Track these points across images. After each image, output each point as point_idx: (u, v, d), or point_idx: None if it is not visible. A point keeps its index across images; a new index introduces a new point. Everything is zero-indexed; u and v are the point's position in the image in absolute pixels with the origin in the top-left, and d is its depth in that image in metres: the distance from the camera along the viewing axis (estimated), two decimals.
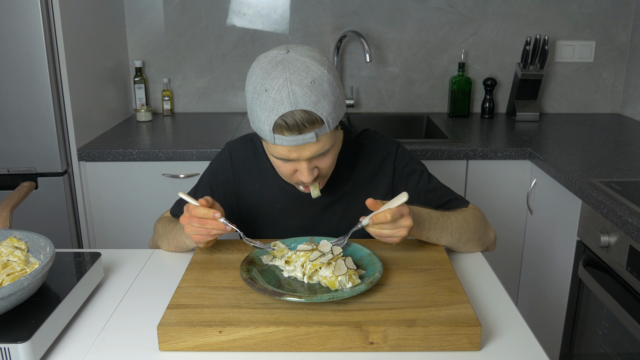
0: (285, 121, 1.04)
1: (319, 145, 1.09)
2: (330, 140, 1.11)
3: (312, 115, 1.04)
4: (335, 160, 1.19)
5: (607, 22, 2.53)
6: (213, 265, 1.12)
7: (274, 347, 0.91)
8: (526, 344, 0.94)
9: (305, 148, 1.08)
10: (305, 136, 1.06)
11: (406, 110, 2.67)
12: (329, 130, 1.08)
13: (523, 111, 2.49)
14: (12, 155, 1.93)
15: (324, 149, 1.11)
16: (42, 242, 1.03)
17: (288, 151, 1.09)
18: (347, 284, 0.99)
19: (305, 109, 1.04)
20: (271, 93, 1.04)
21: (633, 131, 2.32)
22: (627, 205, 1.45)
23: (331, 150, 1.14)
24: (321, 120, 1.06)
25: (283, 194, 1.30)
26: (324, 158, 1.14)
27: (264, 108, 1.05)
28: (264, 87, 1.05)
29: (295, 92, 1.03)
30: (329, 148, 1.12)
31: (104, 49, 2.30)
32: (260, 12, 2.53)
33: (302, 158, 1.10)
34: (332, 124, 1.08)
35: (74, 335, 0.97)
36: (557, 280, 1.84)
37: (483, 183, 2.08)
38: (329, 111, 1.06)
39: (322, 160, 1.14)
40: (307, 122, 1.04)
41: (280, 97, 1.03)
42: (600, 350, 1.59)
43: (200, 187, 1.36)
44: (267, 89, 1.04)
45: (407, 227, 1.07)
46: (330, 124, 1.08)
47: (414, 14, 2.53)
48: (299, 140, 1.06)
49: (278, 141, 1.07)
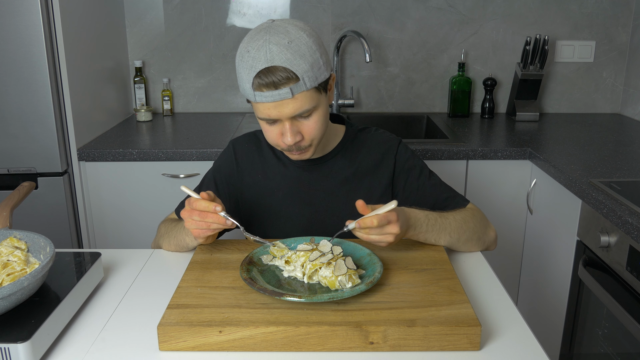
0: (262, 77, 1.10)
1: (297, 103, 1.13)
2: (310, 101, 1.15)
3: (287, 72, 1.10)
4: (322, 128, 1.21)
5: (607, 22, 2.53)
6: (213, 265, 1.12)
7: (274, 347, 0.91)
8: (526, 344, 0.94)
9: (284, 105, 1.13)
10: (280, 92, 1.11)
11: (406, 110, 2.67)
12: (306, 88, 1.13)
13: (523, 111, 2.49)
14: (12, 155, 1.93)
15: (303, 108, 1.14)
16: (42, 242, 1.03)
17: (269, 109, 1.14)
18: (347, 284, 0.99)
19: (280, 65, 1.10)
20: (251, 52, 1.11)
21: (633, 131, 2.32)
22: (627, 205, 1.45)
23: (314, 114, 1.18)
24: (296, 77, 1.11)
25: (285, 182, 1.33)
26: (306, 122, 1.18)
27: (245, 67, 1.12)
28: (246, 49, 1.13)
29: (272, 50, 1.10)
30: (310, 109, 1.15)
31: (104, 49, 2.30)
32: (260, 12, 2.53)
33: (283, 116, 1.14)
34: (309, 83, 1.13)
35: (74, 335, 0.97)
36: (557, 280, 1.84)
37: (483, 183, 2.08)
38: (304, 69, 1.11)
39: (304, 124, 1.18)
40: (282, 77, 1.10)
41: (258, 56, 1.10)
42: (600, 350, 1.59)
43: (204, 183, 1.39)
44: (248, 50, 1.12)
45: (394, 234, 1.08)
46: (307, 82, 1.12)
47: (414, 14, 2.53)
48: (275, 96, 1.11)
49: (258, 98, 1.13)
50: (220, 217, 1.11)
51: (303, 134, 1.19)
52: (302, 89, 1.12)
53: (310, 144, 1.22)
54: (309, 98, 1.14)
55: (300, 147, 1.21)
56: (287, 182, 1.33)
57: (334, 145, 1.34)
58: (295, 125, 1.17)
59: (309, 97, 1.14)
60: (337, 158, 1.33)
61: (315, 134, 1.20)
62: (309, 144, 1.21)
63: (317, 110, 1.18)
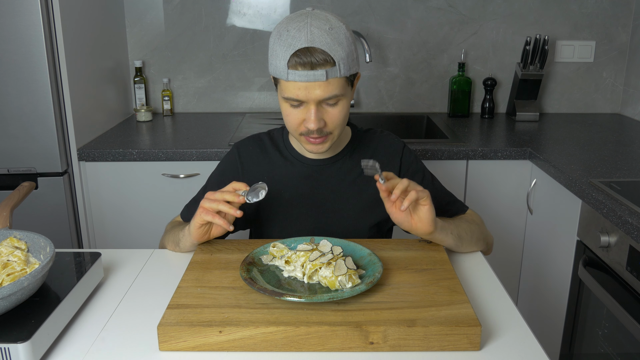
0: (300, 55, 1.12)
1: (329, 88, 1.14)
2: (340, 88, 1.16)
3: (326, 54, 1.12)
4: (344, 121, 1.22)
5: (607, 22, 2.53)
6: (213, 265, 1.12)
7: (274, 347, 0.91)
8: (526, 344, 0.94)
9: (315, 87, 1.13)
10: (316, 72, 1.12)
11: (406, 110, 2.67)
12: (340, 75, 1.14)
13: (523, 111, 2.49)
14: (12, 155, 1.93)
15: (333, 92, 1.15)
16: (42, 242, 1.03)
17: (299, 89, 1.14)
18: (347, 284, 0.99)
19: (319, 47, 1.12)
20: (291, 32, 1.13)
21: (633, 131, 2.32)
22: (627, 205, 1.45)
23: (340, 103, 1.19)
24: (333, 61, 1.13)
25: (292, 183, 1.33)
26: (331, 110, 1.18)
27: (282, 45, 1.14)
28: (286, 28, 1.15)
29: (313, 32, 1.12)
30: (338, 95, 1.16)
31: (104, 49, 2.30)
32: (260, 12, 2.53)
33: (311, 99, 1.15)
34: (344, 70, 1.15)
35: (74, 335, 0.97)
36: (557, 280, 1.84)
37: (483, 183, 2.08)
38: (342, 56, 1.14)
39: (329, 112, 1.19)
40: (320, 59, 1.11)
41: (298, 35, 1.12)
42: (600, 350, 1.59)
43: (208, 187, 1.39)
44: (288, 30, 1.14)
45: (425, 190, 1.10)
46: (342, 69, 1.14)
47: (414, 14, 2.53)
48: (309, 76, 1.12)
49: (291, 77, 1.13)
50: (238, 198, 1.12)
51: (326, 121, 1.19)
52: (336, 75, 1.14)
53: (331, 132, 1.22)
54: (340, 85, 1.16)
55: (321, 132, 1.20)
56: (294, 183, 1.33)
57: (343, 146, 1.35)
58: (320, 111, 1.18)
59: (340, 85, 1.16)
60: (345, 159, 1.34)
61: (338, 124, 1.21)
62: (329, 132, 1.22)
63: (343, 101, 1.19)
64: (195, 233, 1.18)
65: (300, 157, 1.34)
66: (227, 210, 1.12)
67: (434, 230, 1.13)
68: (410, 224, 1.13)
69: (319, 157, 1.33)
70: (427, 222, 1.12)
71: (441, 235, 1.17)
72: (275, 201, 1.33)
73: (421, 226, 1.12)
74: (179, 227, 1.29)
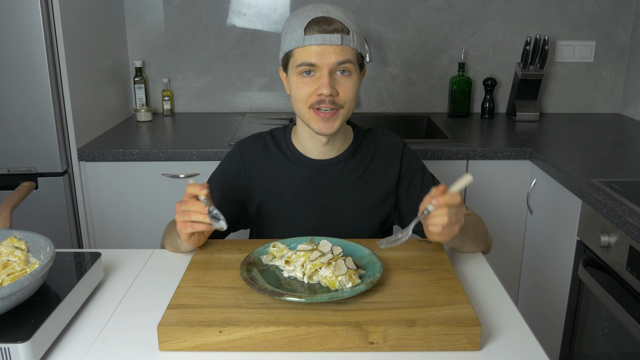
0: (317, 22, 1.18)
1: (343, 52, 1.18)
2: (353, 56, 1.20)
3: (341, 24, 1.19)
4: (354, 98, 1.24)
5: (607, 22, 2.53)
6: (213, 265, 1.12)
7: (274, 347, 0.91)
8: (526, 344, 0.94)
9: (330, 52, 1.18)
10: (332, 36, 1.17)
11: (406, 110, 2.67)
12: (352, 44, 1.20)
13: (523, 111, 2.49)
14: (12, 155, 1.93)
15: (346, 57, 1.19)
16: (42, 242, 1.03)
17: (314, 53, 1.18)
18: (347, 284, 0.99)
19: (335, 18, 1.19)
20: (307, 8, 1.21)
21: (633, 131, 2.32)
22: (627, 205, 1.45)
23: (351, 76, 1.22)
24: (348, 30, 1.19)
25: (295, 183, 1.33)
26: (343, 80, 1.21)
27: (299, 18, 1.20)
28: (301, 9, 1.22)
29: (328, 8, 1.21)
30: (352, 60, 1.20)
31: (104, 49, 2.30)
32: (260, 12, 2.53)
33: (325, 64, 1.18)
34: (356, 43, 1.21)
35: (74, 335, 0.97)
36: (557, 280, 1.84)
37: (483, 183, 2.08)
38: (355, 30, 1.21)
39: (341, 83, 1.21)
40: (336, 25, 1.18)
41: (314, 10, 1.20)
42: (600, 350, 1.59)
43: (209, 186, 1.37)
44: (303, 9, 1.22)
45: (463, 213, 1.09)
46: (355, 41, 1.20)
47: (414, 14, 2.53)
48: (325, 39, 1.17)
49: (307, 41, 1.18)
50: (199, 204, 1.07)
51: (339, 91, 1.21)
52: (349, 43, 1.19)
53: (342, 106, 1.22)
54: (352, 54, 1.20)
55: (334, 103, 1.21)
56: (296, 184, 1.33)
57: (345, 147, 1.35)
58: (332, 79, 1.20)
59: (353, 55, 1.20)
60: (347, 160, 1.34)
61: (349, 96, 1.22)
62: (341, 104, 1.22)
63: (353, 76, 1.22)
64: (189, 243, 1.17)
65: (302, 157, 1.34)
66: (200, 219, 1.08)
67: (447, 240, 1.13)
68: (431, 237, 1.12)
69: (321, 158, 1.33)
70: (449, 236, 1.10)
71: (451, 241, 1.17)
72: (277, 201, 1.33)
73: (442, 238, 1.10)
74: (175, 231, 1.28)
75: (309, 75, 1.21)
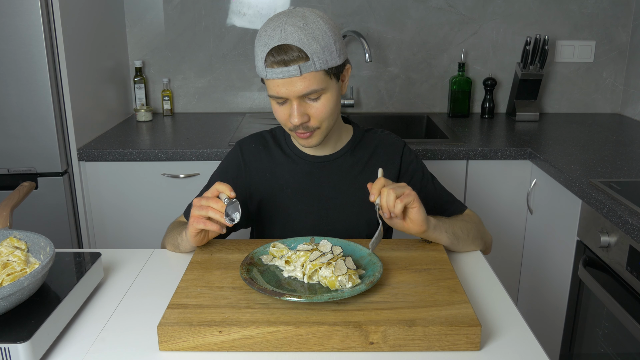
0: (274, 54, 1.14)
1: (305, 83, 1.16)
2: (318, 82, 1.17)
3: (298, 51, 1.14)
4: (330, 114, 1.23)
5: (607, 22, 2.53)
6: (213, 265, 1.12)
7: (274, 347, 0.91)
8: (526, 344, 0.94)
9: (293, 83, 1.16)
10: (290, 69, 1.14)
11: (406, 110, 2.67)
12: (315, 69, 1.15)
13: (523, 111, 2.49)
14: (12, 155, 1.93)
15: (311, 87, 1.16)
16: (42, 242, 1.03)
17: (278, 86, 1.17)
18: (347, 284, 0.99)
19: (292, 44, 1.14)
20: (268, 31, 1.16)
21: (633, 131, 2.32)
22: (627, 205, 1.45)
23: (322, 98, 1.20)
24: (306, 56, 1.14)
25: (294, 180, 1.34)
26: (314, 104, 1.20)
27: (260, 45, 1.17)
28: (264, 29, 1.18)
29: (287, 30, 1.14)
30: (318, 90, 1.18)
31: (104, 49, 2.30)
32: (260, 12, 2.53)
33: (292, 95, 1.17)
34: (319, 64, 1.16)
35: (74, 335, 0.97)
36: (557, 280, 1.84)
37: (483, 183, 2.08)
38: (315, 51, 1.15)
39: (312, 107, 1.20)
40: (293, 55, 1.14)
41: (273, 34, 1.15)
42: (600, 350, 1.59)
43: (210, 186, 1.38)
44: (266, 30, 1.17)
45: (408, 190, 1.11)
46: (317, 63, 1.15)
47: (414, 14, 2.53)
48: (284, 73, 1.15)
49: (269, 75, 1.17)
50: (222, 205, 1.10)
51: (310, 116, 1.21)
52: (310, 69, 1.15)
53: (318, 127, 1.23)
54: (317, 79, 1.17)
55: (307, 128, 1.22)
56: (296, 180, 1.34)
57: (344, 143, 1.36)
58: (302, 106, 1.19)
59: (318, 79, 1.17)
60: (346, 156, 1.35)
61: (323, 117, 1.22)
62: (316, 127, 1.22)
63: (326, 94, 1.20)
64: (194, 240, 1.18)
65: (301, 154, 1.34)
66: (218, 217, 1.11)
67: (427, 229, 1.14)
68: (402, 226, 1.14)
69: (320, 154, 1.34)
70: (419, 223, 1.13)
71: (435, 233, 1.18)
72: (277, 198, 1.34)
73: (413, 227, 1.13)
74: (178, 229, 1.29)
75: (283, 102, 1.21)
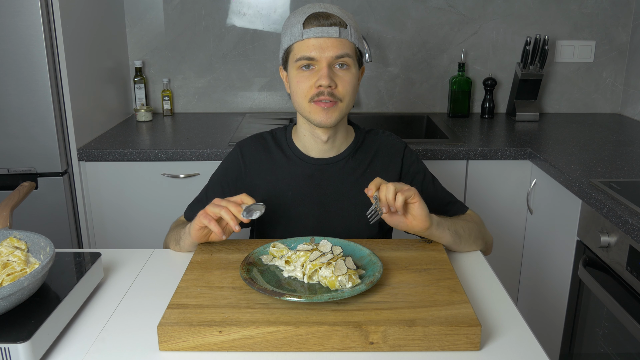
0: (315, 16, 1.21)
1: (340, 45, 1.21)
2: (352, 51, 1.23)
3: (339, 18, 1.21)
4: (353, 92, 1.26)
5: (607, 22, 2.53)
6: (213, 265, 1.12)
7: (274, 347, 0.91)
8: (526, 344, 0.94)
9: (328, 45, 1.20)
10: (330, 29, 1.20)
11: (406, 110, 2.67)
12: (350, 38, 1.22)
13: (523, 111, 2.49)
14: (12, 155, 1.93)
15: (344, 50, 1.21)
16: (42, 242, 1.03)
17: (313, 47, 1.20)
18: (347, 284, 0.99)
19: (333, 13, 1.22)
20: (306, 6, 1.24)
21: (633, 131, 2.32)
22: (627, 205, 1.45)
23: (349, 69, 1.24)
24: (345, 24, 1.22)
25: (295, 182, 1.34)
26: (341, 74, 1.23)
27: (297, 14, 1.23)
28: (299, 8, 1.25)
29: (327, 5, 1.24)
30: (350, 55, 1.22)
31: (104, 49, 2.30)
32: (260, 12, 2.53)
33: (323, 57, 1.20)
34: (354, 37, 1.23)
35: (74, 335, 0.97)
36: (557, 280, 1.84)
37: (483, 183, 2.08)
38: (352, 25, 1.23)
39: (340, 76, 1.23)
40: (334, 20, 1.21)
41: (313, 6, 1.23)
42: (600, 350, 1.59)
43: (210, 187, 1.39)
44: (302, 7, 1.25)
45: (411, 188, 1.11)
46: (352, 35, 1.23)
47: (414, 14, 2.53)
48: (323, 32, 1.19)
49: (306, 34, 1.20)
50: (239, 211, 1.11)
51: (337, 84, 1.22)
52: (347, 36, 1.21)
53: (341, 99, 1.24)
54: (351, 48, 1.23)
55: (332, 95, 1.22)
56: (297, 182, 1.34)
57: (346, 146, 1.35)
58: (331, 72, 1.22)
59: (351, 49, 1.23)
60: (347, 159, 1.35)
61: (348, 90, 1.23)
62: (340, 97, 1.23)
63: (352, 70, 1.24)
64: (195, 234, 1.18)
65: (303, 157, 1.34)
66: (228, 219, 1.11)
67: (430, 225, 1.14)
68: (406, 224, 1.14)
69: (322, 157, 1.33)
70: (421, 219, 1.12)
71: (438, 231, 1.17)
72: (278, 200, 1.34)
73: (417, 223, 1.13)
74: (181, 225, 1.30)
75: (309, 69, 1.22)
